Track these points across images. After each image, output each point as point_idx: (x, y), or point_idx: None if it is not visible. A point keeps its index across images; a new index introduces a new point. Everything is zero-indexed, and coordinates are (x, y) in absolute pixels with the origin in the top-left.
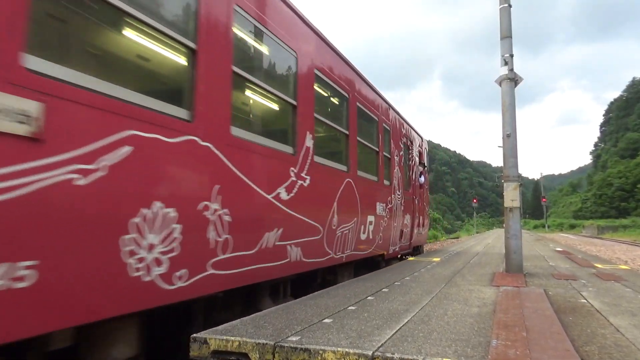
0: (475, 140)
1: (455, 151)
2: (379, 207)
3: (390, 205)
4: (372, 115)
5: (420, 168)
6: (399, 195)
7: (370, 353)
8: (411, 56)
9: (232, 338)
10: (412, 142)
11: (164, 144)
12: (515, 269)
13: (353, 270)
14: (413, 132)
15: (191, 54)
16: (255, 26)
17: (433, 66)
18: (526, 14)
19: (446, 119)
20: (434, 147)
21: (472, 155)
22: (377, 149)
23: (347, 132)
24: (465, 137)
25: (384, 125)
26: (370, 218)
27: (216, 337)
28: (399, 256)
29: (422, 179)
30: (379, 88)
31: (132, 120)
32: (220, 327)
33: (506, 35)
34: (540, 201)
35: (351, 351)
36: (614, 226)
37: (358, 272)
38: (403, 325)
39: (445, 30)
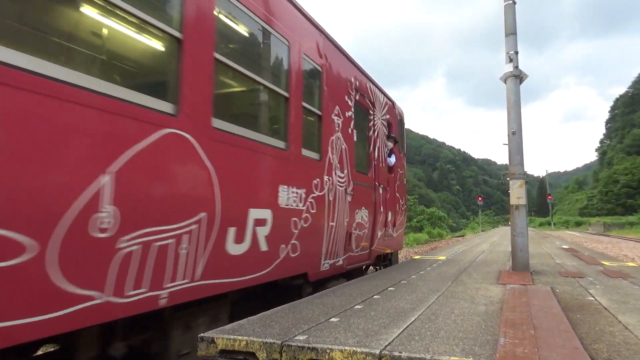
0: (479, 137)
1: (459, 149)
2: (288, 195)
3: (320, 193)
4: (273, 31)
5: (390, 144)
6: (342, 178)
7: (377, 352)
8: (414, 54)
9: (240, 337)
10: (373, 105)
11: None
12: (521, 267)
13: (226, 311)
14: (377, 91)
15: None
16: None
17: (436, 64)
18: (529, 11)
19: (450, 116)
20: (438, 146)
21: (476, 153)
22: (285, 94)
23: (177, 35)
24: (469, 135)
25: (306, 59)
26: (260, 213)
27: (223, 336)
28: (363, 268)
29: (393, 159)
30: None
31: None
32: (227, 327)
33: (511, 32)
34: (546, 199)
35: (358, 350)
36: (620, 223)
37: (242, 312)
38: (410, 324)
39: (447, 28)
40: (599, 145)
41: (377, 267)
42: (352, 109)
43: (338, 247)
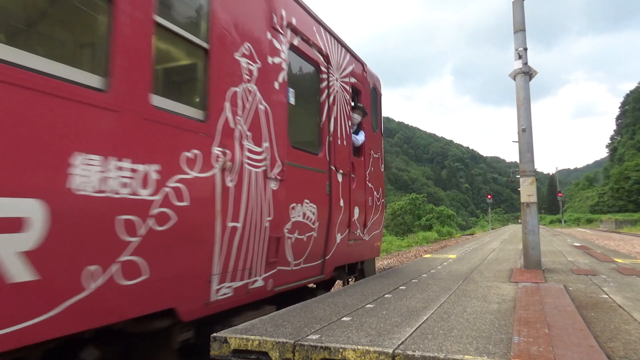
0: (488, 135)
1: (468, 147)
2: (104, 174)
3: (202, 175)
4: None
5: (357, 116)
6: (258, 154)
7: (390, 351)
8: (420, 51)
9: (252, 337)
10: (327, 59)
11: None
12: (533, 265)
13: None
14: (335, 42)
15: None
16: None
17: (443, 61)
18: (536, 8)
19: (458, 114)
20: (446, 144)
21: (485, 151)
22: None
23: None
24: (478, 133)
25: None
26: None
27: (236, 336)
28: (339, 282)
29: (361, 136)
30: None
31: None
32: (240, 327)
33: (519, 28)
34: (556, 196)
35: (372, 349)
36: (632, 220)
37: None
38: (422, 323)
39: (453, 26)
40: (610, 141)
41: (349, 280)
42: (284, 56)
43: (251, 260)
